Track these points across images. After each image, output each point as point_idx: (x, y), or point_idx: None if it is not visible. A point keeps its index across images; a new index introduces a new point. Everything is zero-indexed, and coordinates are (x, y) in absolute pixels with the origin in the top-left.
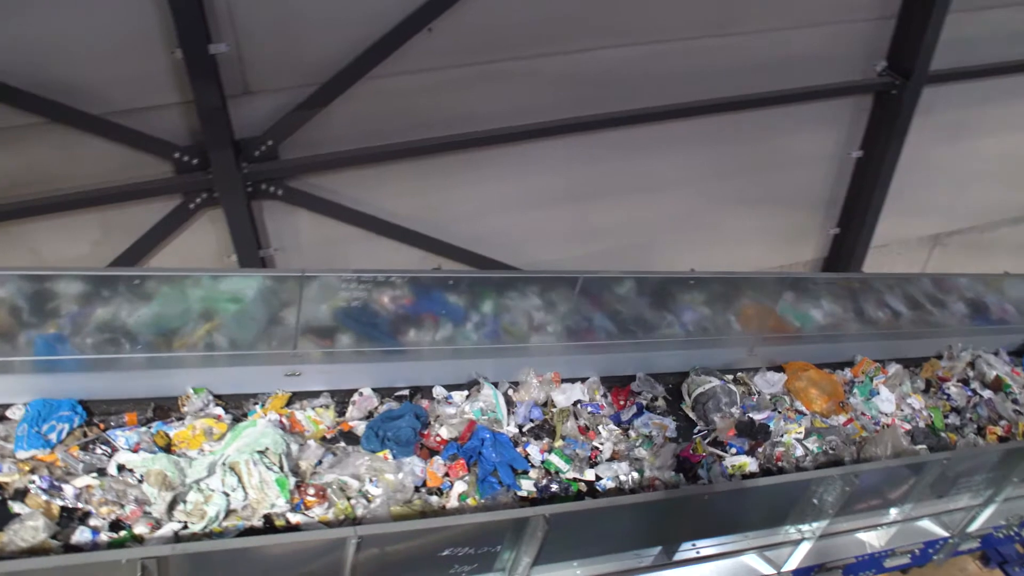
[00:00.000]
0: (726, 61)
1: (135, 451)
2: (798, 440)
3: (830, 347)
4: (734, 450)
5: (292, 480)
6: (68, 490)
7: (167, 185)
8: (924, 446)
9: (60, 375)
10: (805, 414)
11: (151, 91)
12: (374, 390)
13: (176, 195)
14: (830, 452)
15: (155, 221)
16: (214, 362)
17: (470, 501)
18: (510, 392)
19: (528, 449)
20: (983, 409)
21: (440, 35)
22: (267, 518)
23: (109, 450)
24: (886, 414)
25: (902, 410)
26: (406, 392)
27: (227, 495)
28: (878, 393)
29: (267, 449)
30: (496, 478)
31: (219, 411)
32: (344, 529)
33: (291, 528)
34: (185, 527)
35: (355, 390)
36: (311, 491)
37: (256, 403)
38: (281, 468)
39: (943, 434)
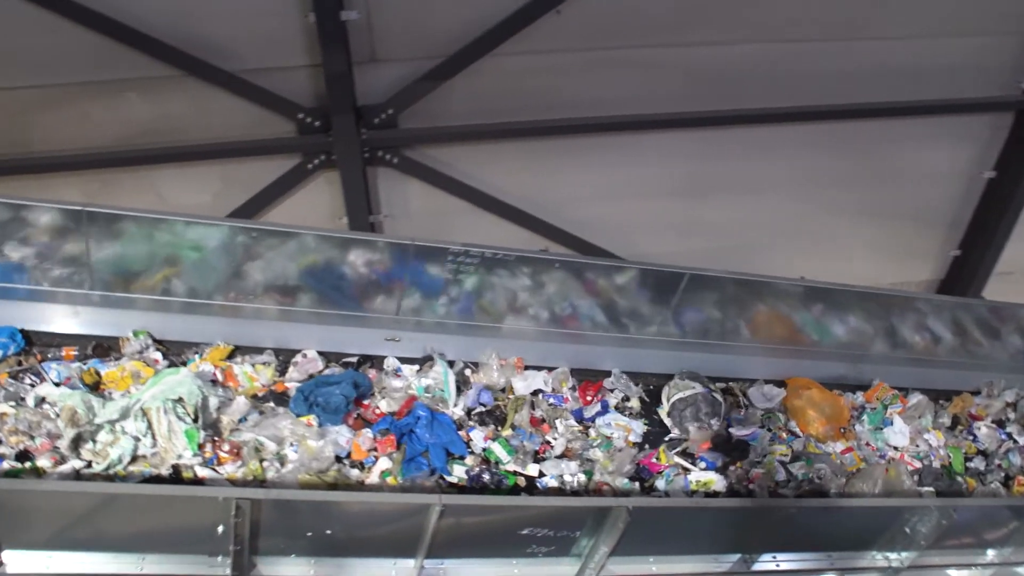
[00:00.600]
0: (857, 65)
1: (62, 384)
2: (782, 463)
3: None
4: (703, 464)
5: (202, 433)
6: None
7: (289, 144)
8: (931, 488)
9: (11, 303)
10: (799, 436)
11: (282, 52)
12: (322, 354)
13: (296, 155)
14: (816, 480)
15: (274, 178)
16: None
17: (390, 479)
18: (468, 372)
19: (472, 434)
20: (1016, 456)
21: (568, 17)
22: (175, 468)
23: (38, 381)
24: (896, 448)
25: (917, 445)
26: (354, 360)
27: (136, 440)
28: (891, 423)
29: (181, 399)
30: (427, 459)
31: (157, 356)
32: (430, 496)
33: (196, 481)
34: (89, 466)
35: (299, 350)
36: (226, 447)
37: (196, 352)
38: (195, 420)
39: (960, 478)
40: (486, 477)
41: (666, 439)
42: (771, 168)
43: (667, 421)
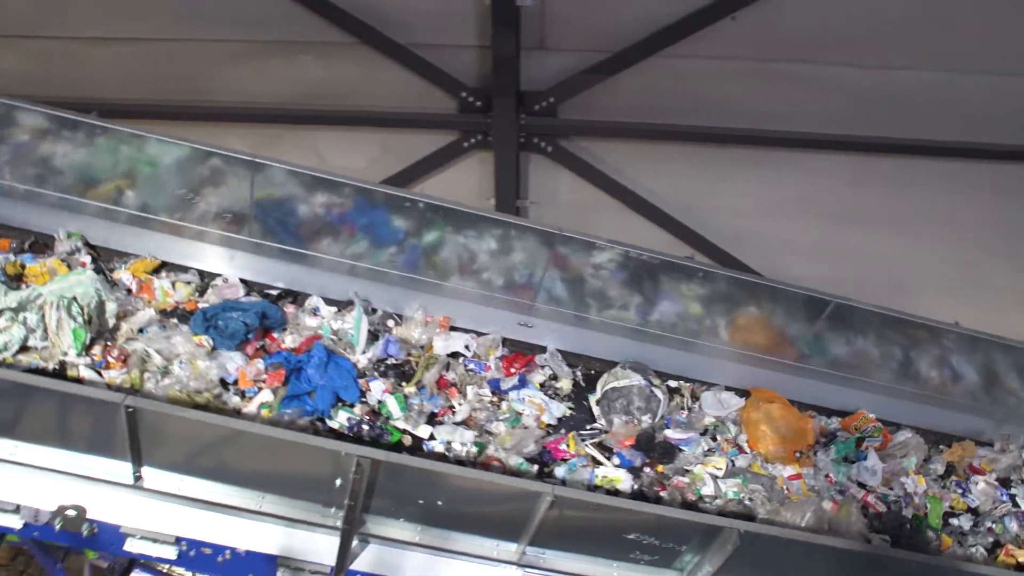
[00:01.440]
0: None
1: None
2: (713, 476)
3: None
4: (617, 461)
5: (88, 334)
6: None
7: (448, 121)
8: (887, 538)
9: None
10: (746, 452)
11: (454, 30)
12: (246, 283)
13: (454, 131)
14: (746, 503)
15: (430, 151)
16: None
17: (264, 412)
18: (391, 323)
19: (372, 384)
20: (1013, 522)
21: (744, 24)
22: (62, 365)
23: None
24: (863, 486)
25: (891, 488)
26: (275, 293)
27: (29, 331)
28: (865, 458)
29: (75, 298)
30: (312, 400)
31: (86, 259)
32: (542, 485)
33: (76, 380)
34: None
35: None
36: (115, 353)
37: (124, 262)
38: (88, 321)
39: (933, 533)
40: (365, 428)
41: (586, 427)
42: (932, 204)
43: (595, 410)
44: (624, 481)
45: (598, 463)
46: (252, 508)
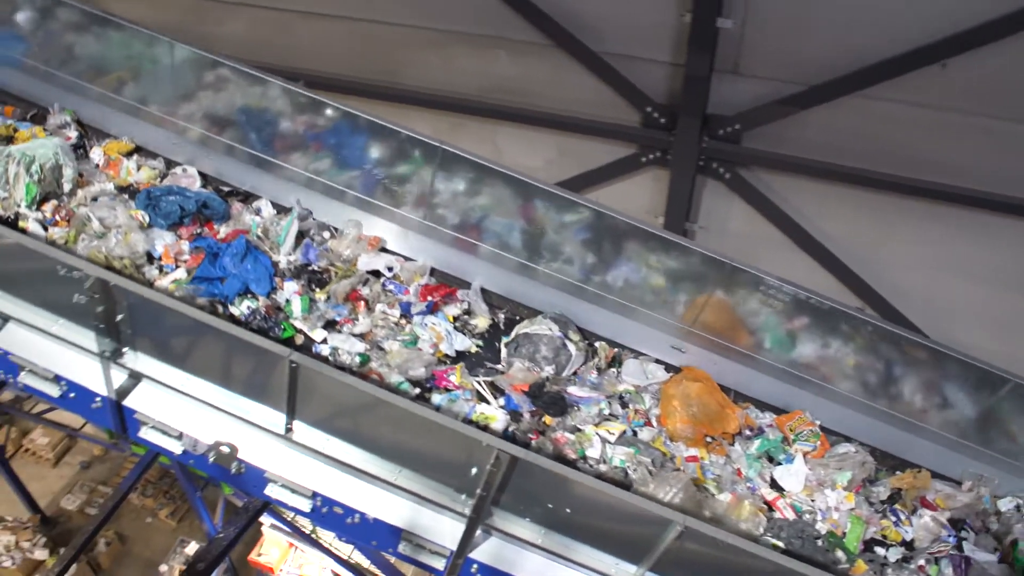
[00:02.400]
0: None
1: None
2: (604, 440)
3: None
4: (503, 403)
5: (39, 192)
6: None
7: (630, 133)
8: (780, 543)
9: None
10: (653, 426)
11: (648, 44)
12: (205, 177)
13: (633, 145)
14: (629, 475)
15: (606, 161)
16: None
17: (171, 287)
18: (326, 235)
19: (286, 284)
20: (949, 567)
21: (952, 73)
22: (16, 216)
23: None
24: (780, 489)
25: (813, 500)
26: (227, 189)
27: None
28: (791, 461)
29: (35, 157)
30: (221, 284)
31: (72, 134)
32: (674, 512)
33: (23, 231)
34: None
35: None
36: (63, 213)
37: (100, 143)
38: (40, 180)
39: (843, 553)
40: (258, 319)
41: (487, 366)
42: None
43: (503, 351)
44: (499, 421)
45: (482, 400)
46: (388, 479)
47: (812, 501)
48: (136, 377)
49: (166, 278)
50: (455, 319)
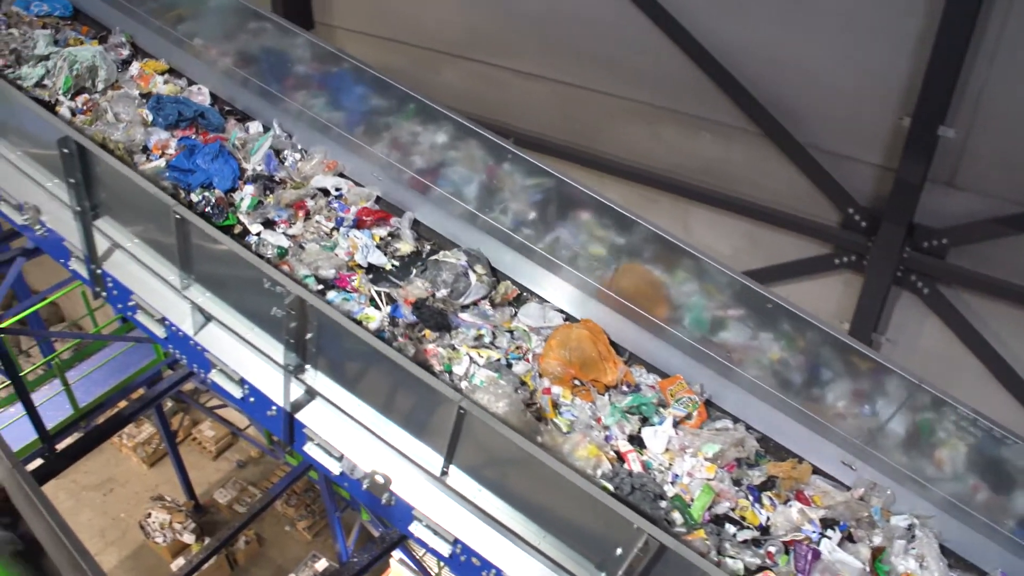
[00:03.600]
0: None
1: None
2: (475, 361)
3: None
4: (389, 310)
5: (73, 85)
6: None
7: (827, 232)
8: (610, 486)
9: None
10: (529, 362)
11: (859, 144)
12: (215, 98)
13: (829, 244)
14: (488, 393)
15: (797, 257)
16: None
17: (149, 169)
18: (296, 156)
19: (246, 186)
20: (800, 558)
21: None
22: (56, 102)
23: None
24: (640, 446)
25: (670, 464)
26: (230, 109)
27: (45, 72)
28: (661, 423)
29: (77, 57)
30: (190, 176)
31: (125, 52)
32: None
33: (51, 110)
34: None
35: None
36: (90, 104)
37: (142, 60)
38: (77, 76)
39: (682, 515)
40: (208, 208)
41: (391, 280)
42: None
43: (414, 270)
44: (376, 321)
45: (373, 305)
46: (532, 542)
47: (669, 465)
48: (311, 394)
49: (148, 164)
50: (380, 239)
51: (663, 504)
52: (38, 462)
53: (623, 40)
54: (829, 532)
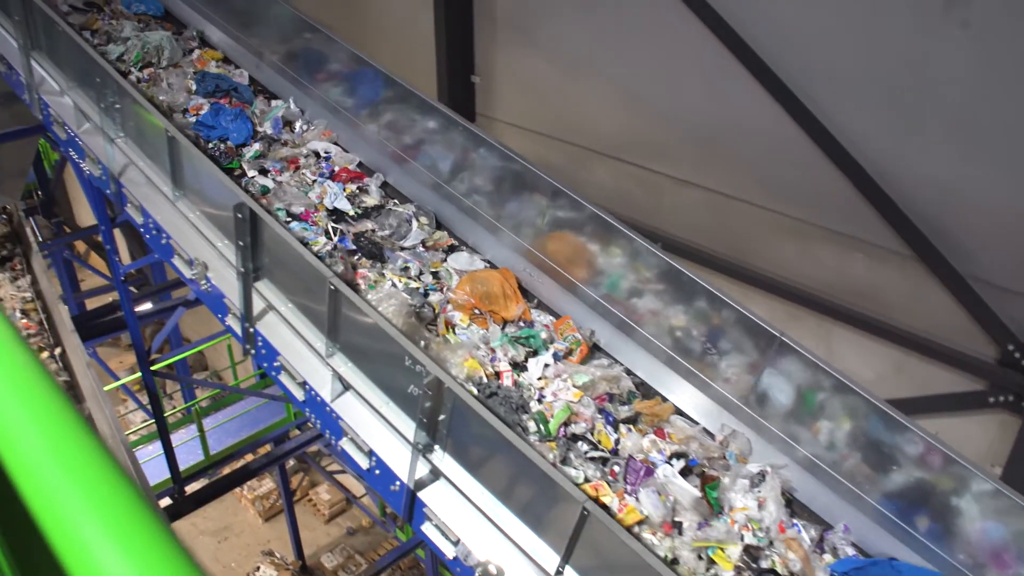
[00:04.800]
0: None
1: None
2: (395, 284)
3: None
4: (338, 240)
5: (142, 58)
6: None
7: (982, 367)
8: (474, 391)
9: None
10: (442, 293)
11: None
12: (252, 80)
13: (983, 381)
14: (379, 294)
15: (948, 391)
16: None
17: (186, 123)
18: (305, 126)
19: (255, 144)
20: (633, 472)
21: None
22: (127, 72)
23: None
24: (521, 372)
25: (543, 388)
26: (261, 89)
27: (126, 50)
28: (544, 352)
29: (149, 39)
30: (211, 131)
31: (193, 43)
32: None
33: (124, 75)
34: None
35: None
36: (150, 74)
37: (204, 49)
38: (146, 53)
39: (537, 426)
40: (218, 154)
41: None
42: None
43: (371, 215)
44: (322, 245)
45: (327, 236)
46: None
47: (541, 388)
48: (436, 474)
49: (183, 116)
50: (351, 191)
51: (524, 416)
52: (167, 501)
53: (780, 154)
54: (674, 462)
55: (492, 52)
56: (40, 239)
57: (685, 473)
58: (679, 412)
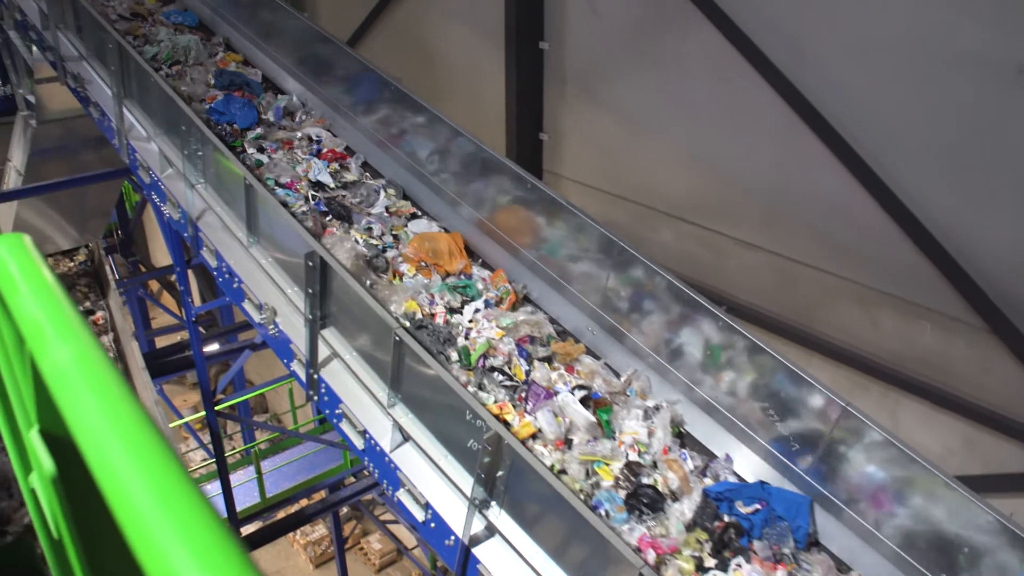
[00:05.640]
0: None
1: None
2: (357, 241)
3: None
4: (313, 204)
5: (171, 56)
6: None
7: None
8: (407, 327)
9: None
10: (398, 250)
11: None
12: (265, 79)
13: None
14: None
15: (1017, 470)
16: None
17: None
18: (305, 116)
19: (257, 128)
20: (534, 396)
21: None
22: (159, 69)
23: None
24: (454, 312)
25: (471, 328)
26: (270, 85)
27: (159, 50)
28: (478, 299)
29: (178, 42)
30: (222, 116)
31: (220, 49)
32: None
33: (156, 69)
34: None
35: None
36: (177, 71)
37: (225, 53)
38: (174, 52)
39: (459, 356)
40: (224, 134)
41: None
42: None
43: (349, 188)
44: (297, 208)
45: (305, 200)
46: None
47: (470, 328)
48: (492, 531)
49: (202, 106)
50: (333, 168)
51: (449, 349)
52: None
53: (847, 219)
54: (576, 392)
55: (560, 110)
56: (117, 277)
57: (585, 403)
58: (591, 354)
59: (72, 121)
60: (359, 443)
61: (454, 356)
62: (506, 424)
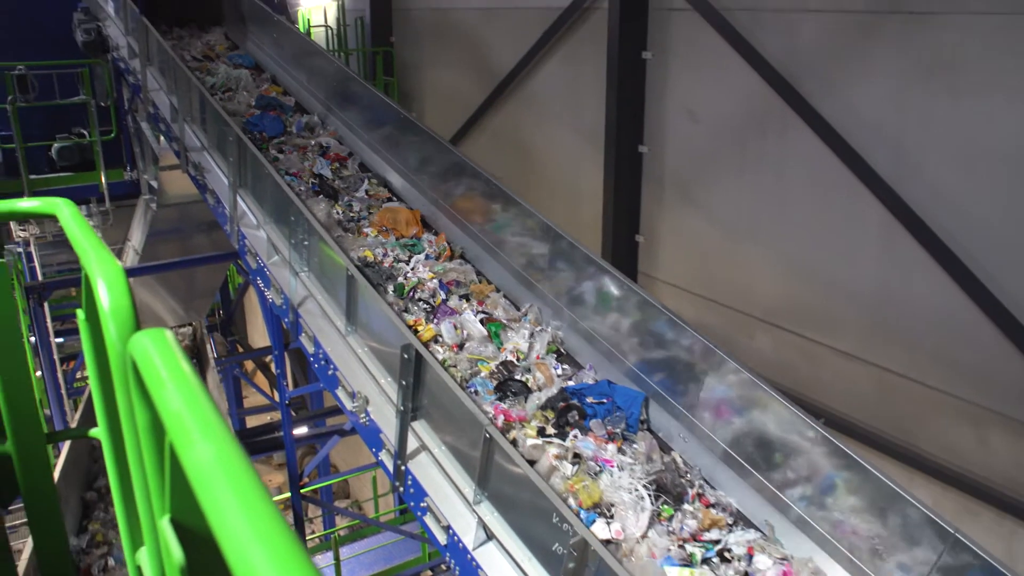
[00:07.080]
0: None
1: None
2: (340, 215)
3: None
4: (310, 186)
5: (224, 85)
6: None
7: None
8: (359, 263)
9: None
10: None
11: None
12: (298, 103)
13: None
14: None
15: None
16: None
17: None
18: (322, 130)
19: (283, 137)
20: (441, 313)
21: None
22: (213, 93)
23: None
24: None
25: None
26: (298, 106)
27: (215, 80)
28: (420, 253)
29: (231, 74)
30: (254, 128)
31: (266, 83)
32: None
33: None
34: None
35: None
36: (227, 95)
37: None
38: (227, 81)
39: (395, 290)
40: (254, 140)
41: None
42: None
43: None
44: (298, 187)
45: (306, 183)
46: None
47: (410, 273)
48: None
49: (241, 120)
50: (335, 166)
51: (388, 284)
52: None
53: (955, 332)
54: (480, 315)
55: (657, 212)
56: (216, 355)
57: (484, 324)
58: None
59: (188, 206)
60: (442, 538)
61: (391, 288)
62: (415, 331)
